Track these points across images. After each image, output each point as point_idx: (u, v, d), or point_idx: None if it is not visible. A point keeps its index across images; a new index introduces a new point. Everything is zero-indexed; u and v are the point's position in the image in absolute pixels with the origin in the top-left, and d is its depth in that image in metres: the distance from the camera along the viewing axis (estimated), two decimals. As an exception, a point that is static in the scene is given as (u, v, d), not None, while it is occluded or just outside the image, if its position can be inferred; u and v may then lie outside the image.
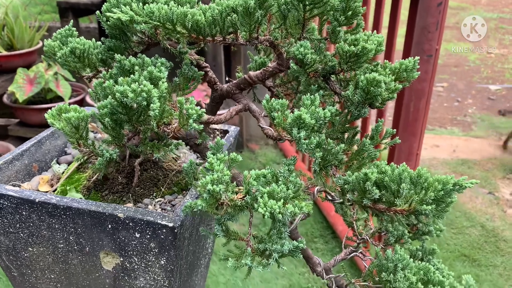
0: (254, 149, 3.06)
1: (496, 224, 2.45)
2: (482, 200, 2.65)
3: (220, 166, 0.55)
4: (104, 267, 0.76)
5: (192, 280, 0.90)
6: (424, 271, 0.80)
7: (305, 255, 0.81)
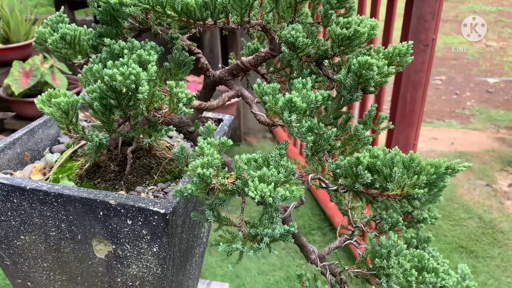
0: (251, 142, 3.05)
1: (493, 216, 2.45)
2: (480, 192, 2.65)
3: (211, 150, 0.54)
4: (96, 255, 0.76)
5: (186, 269, 0.90)
6: (418, 258, 0.80)
7: (299, 243, 0.81)
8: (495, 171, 2.86)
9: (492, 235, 2.32)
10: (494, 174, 2.83)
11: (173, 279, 0.81)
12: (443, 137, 3.28)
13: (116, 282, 0.78)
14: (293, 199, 0.58)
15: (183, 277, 0.89)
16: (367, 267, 0.75)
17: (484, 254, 2.20)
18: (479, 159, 2.99)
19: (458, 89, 4.30)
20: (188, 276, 0.94)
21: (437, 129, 3.44)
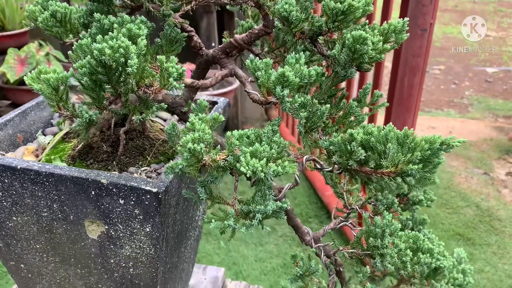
0: (249, 131, 3.04)
1: (490, 204, 2.45)
2: (477, 181, 2.65)
3: (202, 125, 0.53)
4: (89, 236, 0.75)
5: (180, 251, 0.89)
6: (413, 239, 0.79)
7: (294, 224, 0.81)
8: (493, 160, 2.86)
9: (489, 222, 2.33)
10: (491, 162, 2.83)
11: (167, 261, 0.80)
12: (441, 126, 3.27)
13: (110, 263, 0.78)
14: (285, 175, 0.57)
15: (178, 259, 0.89)
16: (362, 247, 0.75)
17: (481, 241, 2.20)
18: (477, 148, 2.98)
19: (457, 78, 4.28)
20: (183, 259, 0.94)
21: (435, 118, 3.43)
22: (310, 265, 0.73)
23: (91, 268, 0.80)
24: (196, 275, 1.16)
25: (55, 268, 0.83)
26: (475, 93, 3.95)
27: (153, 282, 0.78)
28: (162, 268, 0.78)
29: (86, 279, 0.82)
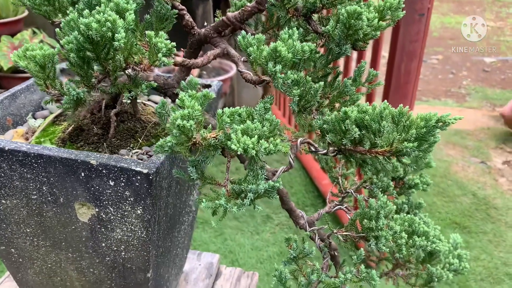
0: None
1: (487, 193, 2.45)
2: (474, 169, 2.65)
3: (191, 102, 0.52)
4: (80, 219, 0.74)
5: (174, 236, 0.88)
6: (409, 222, 0.78)
7: (288, 207, 0.80)
8: (490, 149, 2.85)
9: (485, 211, 2.33)
10: (488, 151, 2.83)
11: (160, 244, 0.79)
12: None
13: (101, 247, 0.77)
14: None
15: (171, 244, 0.88)
16: (356, 230, 0.74)
17: (477, 229, 2.20)
18: (474, 137, 2.98)
19: (455, 68, 4.27)
20: (177, 244, 0.93)
21: (432, 107, 3.42)
22: (304, 247, 0.72)
23: (83, 252, 0.79)
24: (191, 261, 1.15)
25: (46, 253, 0.82)
26: (472, 83, 3.94)
27: (145, 266, 0.77)
28: (155, 252, 0.77)
29: (78, 263, 0.81)
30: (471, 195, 2.43)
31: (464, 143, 2.91)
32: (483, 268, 1.98)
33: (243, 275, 1.17)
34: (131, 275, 0.79)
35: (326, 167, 0.97)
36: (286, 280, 0.67)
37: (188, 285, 1.08)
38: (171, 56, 0.55)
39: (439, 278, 0.91)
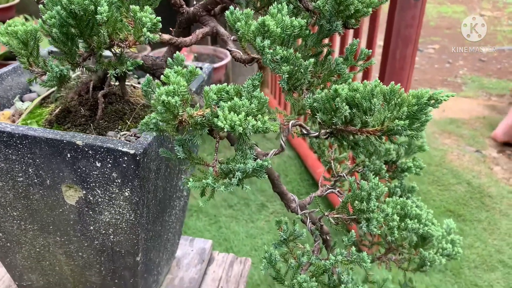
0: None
1: (482, 181, 2.46)
2: (469, 158, 2.65)
3: (177, 78, 0.50)
4: (67, 202, 0.73)
5: (164, 220, 0.87)
6: (401, 205, 0.78)
7: (279, 191, 0.79)
8: (485, 138, 2.85)
9: (480, 199, 2.33)
10: (484, 140, 2.82)
11: (149, 228, 0.78)
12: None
13: (89, 230, 0.75)
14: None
15: (162, 228, 0.87)
16: (347, 212, 0.73)
17: (472, 217, 2.20)
18: (470, 126, 2.98)
19: (451, 57, 4.25)
20: (168, 228, 0.92)
21: (428, 97, 3.41)
22: (294, 229, 0.71)
23: (71, 236, 0.78)
24: (183, 247, 1.15)
25: (34, 236, 0.80)
26: (469, 72, 3.93)
27: (134, 249, 0.76)
28: (144, 235, 0.76)
29: (66, 247, 0.80)
30: (466, 183, 2.43)
31: (460, 132, 2.90)
32: (477, 256, 1.98)
33: (236, 261, 1.16)
34: (120, 259, 0.78)
35: (318, 152, 0.96)
36: (276, 262, 0.67)
37: (180, 270, 1.07)
38: (156, 32, 0.53)
39: (432, 262, 0.90)
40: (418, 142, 0.92)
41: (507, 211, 2.25)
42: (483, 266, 1.93)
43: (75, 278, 0.85)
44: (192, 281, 1.05)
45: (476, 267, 1.93)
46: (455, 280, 1.86)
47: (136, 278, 0.81)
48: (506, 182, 2.47)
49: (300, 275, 0.65)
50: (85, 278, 0.84)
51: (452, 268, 1.91)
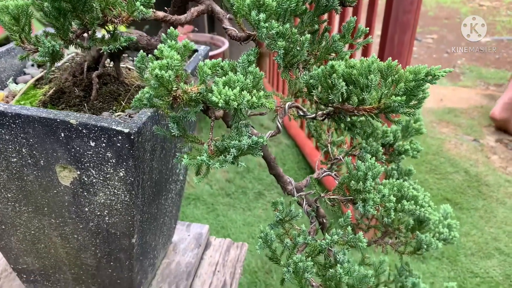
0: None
1: (479, 170, 2.46)
2: (467, 147, 2.65)
3: (171, 52, 0.49)
4: (61, 183, 0.72)
5: (160, 203, 0.87)
6: (398, 187, 0.77)
7: (275, 173, 0.78)
8: (483, 127, 2.85)
9: (477, 188, 2.33)
10: (481, 129, 2.82)
11: (145, 210, 0.78)
12: (432, 93, 3.24)
13: (84, 211, 0.75)
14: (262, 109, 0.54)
15: (157, 211, 0.87)
16: (344, 193, 0.72)
17: (469, 206, 2.21)
18: (468, 115, 2.97)
19: (449, 47, 4.24)
20: (164, 212, 0.92)
21: (426, 86, 3.40)
22: (290, 210, 0.70)
23: (66, 218, 0.77)
24: (180, 232, 1.14)
25: (29, 219, 0.80)
26: (467, 62, 3.92)
27: (129, 231, 0.76)
28: (139, 217, 0.76)
29: (61, 229, 0.79)
30: (463, 172, 2.44)
31: (458, 121, 2.90)
32: (473, 243, 1.99)
33: (233, 246, 1.16)
34: (115, 241, 0.78)
35: (315, 135, 0.96)
36: (271, 242, 0.66)
37: (177, 255, 1.07)
38: (150, 7, 0.52)
39: (428, 245, 0.90)
40: (415, 125, 0.92)
41: (504, 199, 2.26)
42: (480, 254, 1.94)
43: (70, 261, 0.85)
44: (188, 265, 1.04)
45: (472, 254, 1.93)
46: (451, 267, 1.87)
47: (132, 260, 0.81)
48: (503, 171, 2.47)
49: (296, 255, 0.65)
50: (80, 260, 0.84)
51: (449, 256, 1.92)
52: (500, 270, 1.86)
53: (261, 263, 1.84)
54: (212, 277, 1.06)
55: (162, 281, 1.00)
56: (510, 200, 2.25)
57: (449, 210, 1.04)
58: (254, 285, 1.71)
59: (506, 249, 1.96)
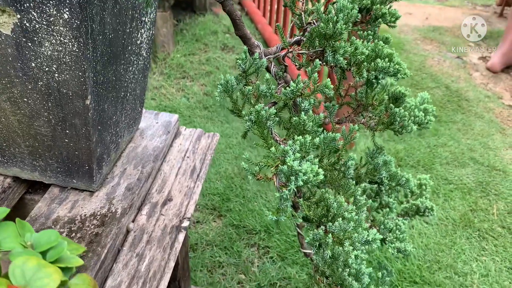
0: (217, 12, 2.86)
1: (460, 86, 2.44)
2: (450, 64, 2.61)
3: None
4: (2, 31, 0.65)
5: (118, 71, 0.81)
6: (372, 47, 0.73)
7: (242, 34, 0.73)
8: (467, 45, 2.80)
9: (457, 102, 2.32)
10: (465, 47, 2.77)
11: (99, 70, 0.72)
12: (418, 12, 3.15)
13: (31, 68, 0.69)
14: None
15: (116, 80, 0.81)
16: (313, 45, 0.67)
17: (448, 119, 2.21)
18: (453, 33, 2.91)
19: (439, -32, 4.07)
20: (124, 85, 0.86)
21: (412, 5, 3.30)
22: (254, 58, 0.65)
23: (12, 77, 0.71)
24: (147, 120, 1.10)
25: (-27, 81, 0.73)
26: (456, -17, 3.79)
27: (82, 90, 0.70)
28: (92, 76, 0.70)
29: (9, 92, 0.73)
30: (444, 87, 2.41)
31: (442, 39, 2.84)
32: (449, 153, 2.00)
33: (204, 135, 1.12)
34: (68, 103, 0.73)
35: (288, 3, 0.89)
36: (233, 90, 0.62)
37: (144, 140, 1.03)
38: None
39: (402, 118, 0.87)
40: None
41: (483, 113, 2.26)
42: (455, 163, 1.96)
43: (24, 131, 0.79)
44: (156, 149, 1.01)
45: (447, 163, 1.95)
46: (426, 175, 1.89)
47: (88, 127, 0.76)
48: (484, 87, 2.46)
49: (258, 103, 0.61)
50: (34, 130, 0.79)
51: (424, 164, 1.93)
52: (473, 177, 1.89)
53: (238, 169, 1.83)
54: (181, 162, 1.03)
55: (128, 163, 0.96)
56: (488, 114, 2.25)
57: (426, 96, 1.00)
58: (230, 189, 1.71)
59: (481, 158, 1.98)
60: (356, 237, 0.63)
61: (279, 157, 0.58)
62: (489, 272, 1.48)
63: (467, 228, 1.64)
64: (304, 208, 0.70)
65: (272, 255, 1.46)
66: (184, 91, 2.26)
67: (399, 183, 1.00)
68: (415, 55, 2.63)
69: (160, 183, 0.96)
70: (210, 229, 1.54)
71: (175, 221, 0.88)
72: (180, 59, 2.39)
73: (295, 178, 0.53)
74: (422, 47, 2.73)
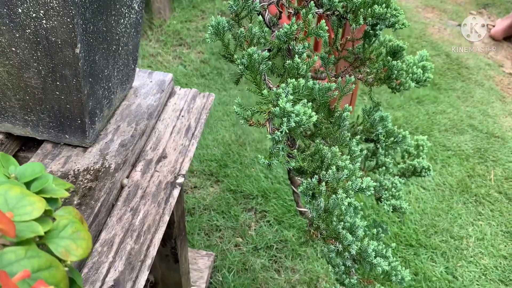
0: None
1: (460, 54, 2.40)
2: (451, 32, 2.56)
3: None
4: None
5: (109, 23, 0.79)
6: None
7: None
8: (469, 13, 2.75)
9: (457, 70, 2.29)
10: (467, 15, 2.72)
11: (88, 18, 0.70)
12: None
13: (18, 14, 0.67)
14: None
15: (107, 31, 0.79)
16: (308, -11, 0.65)
17: (447, 86, 2.18)
18: (454, 1, 2.85)
19: None
20: (116, 38, 0.84)
21: (414, -28, 3.23)
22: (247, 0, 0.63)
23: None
24: (141, 78, 1.08)
25: (-41, 30, 0.71)
26: (459, -50, 3.69)
27: (71, 38, 0.68)
28: (81, 23, 0.68)
29: (-3, 42, 0.72)
30: (445, 55, 2.38)
31: (443, 7, 2.79)
32: (448, 120, 1.99)
33: (199, 95, 1.10)
34: (58, 52, 0.71)
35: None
36: (224, 32, 0.60)
37: (138, 98, 1.01)
38: None
39: (399, 71, 0.86)
40: None
41: (483, 81, 2.24)
42: (453, 130, 1.95)
43: (13, 83, 0.78)
44: (150, 107, 0.99)
45: (446, 130, 1.94)
46: (425, 141, 1.88)
47: (79, 78, 0.74)
48: (484, 55, 2.42)
49: (251, 47, 0.59)
50: (24, 82, 0.77)
51: (423, 131, 1.92)
52: (472, 144, 1.88)
53: (235, 136, 1.82)
54: (176, 121, 1.01)
55: (122, 120, 0.95)
56: (488, 82, 2.23)
57: (425, 54, 0.99)
58: (228, 156, 1.71)
59: (480, 125, 1.97)
60: (349, 184, 0.62)
61: (271, 101, 0.57)
62: (484, 236, 1.48)
63: (464, 194, 1.64)
64: (298, 159, 0.69)
65: (269, 219, 1.46)
66: (181, 59, 2.23)
67: (396, 140, 0.99)
68: (415, 23, 2.59)
69: (154, 141, 0.95)
70: (208, 194, 1.54)
71: (169, 177, 0.87)
72: (176, 26, 2.34)
73: (287, 119, 0.52)
74: (423, 15, 2.68)
